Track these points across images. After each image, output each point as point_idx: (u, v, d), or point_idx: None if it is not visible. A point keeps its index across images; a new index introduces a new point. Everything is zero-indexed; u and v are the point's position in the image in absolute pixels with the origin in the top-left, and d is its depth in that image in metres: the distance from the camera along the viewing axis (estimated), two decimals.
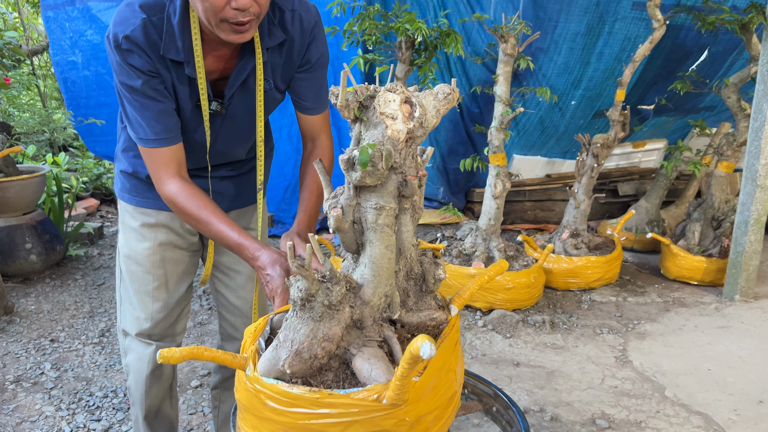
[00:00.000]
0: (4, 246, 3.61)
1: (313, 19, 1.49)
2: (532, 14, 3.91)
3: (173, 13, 1.37)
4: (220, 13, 1.27)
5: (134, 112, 1.42)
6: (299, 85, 1.58)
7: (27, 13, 6.85)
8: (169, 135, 1.44)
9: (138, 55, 1.36)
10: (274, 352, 1.02)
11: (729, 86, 3.79)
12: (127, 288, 1.76)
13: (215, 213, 1.42)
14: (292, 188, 4.75)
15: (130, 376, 1.82)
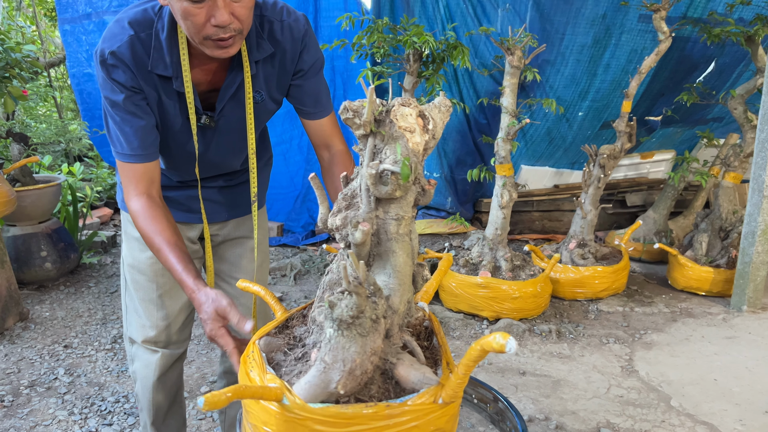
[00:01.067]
0: (20, 254, 3.69)
1: (302, 29, 1.50)
2: (539, 27, 3.96)
3: (161, 29, 1.38)
4: (202, 31, 1.28)
5: (114, 127, 1.44)
6: (296, 92, 1.59)
7: (44, 27, 7.00)
8: (145, 152, 1.45)
9: (122, 70, 1.38)
10: (322, 375, 0.98)
11: (735, 97, 3.81)
12: (132, 296, 1.78)
13: (169, 242, 1.40)
14: (302, 198, 4.81)
15: (137, 383, 1.85)
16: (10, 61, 3.01)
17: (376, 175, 1.00)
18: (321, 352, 0.99)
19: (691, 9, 3.98)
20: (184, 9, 1.24)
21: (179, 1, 1.24)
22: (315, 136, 1.65)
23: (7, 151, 4.49)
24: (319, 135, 1.64)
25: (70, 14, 3.79)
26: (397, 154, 1.01)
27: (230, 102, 1.52)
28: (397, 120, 1.01)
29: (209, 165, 1.66)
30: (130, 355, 1.85)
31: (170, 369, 1.85)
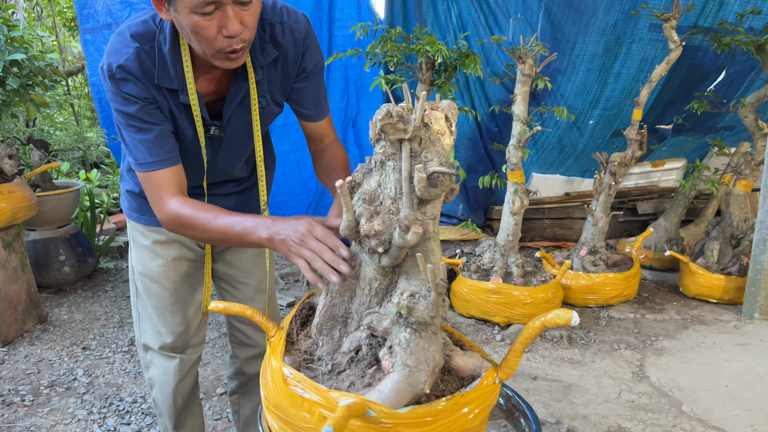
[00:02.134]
0: (40, 257, 3.77)
1: (303, 29, 1.47)
2: (550, 36, 4.01)
3: (163, 41, 1.37)
4: (214, 44, 1.27)
5: (131, 138, 1.41)
6: (297, 94, 1.57)
7: (62, 36, 7.14)
8: (168, 156, 1.42)
9: (132, 83, 1.36)
10: (408, 379, 0.97)
11: (746, 106, 3.83)
12: (145, 304, 1.79)
13: (222, 210, 1.36)
14: (314, 204, 4.87)
15: (154, 390, 1.86)
16: (33, 69, 3.10)
17: (429, 179, 1.03)
18: (399, 357, 0.99)
19: (701, 18, 4.01)
20: (195, 23, 1.23)
21: (188, 16, 1.23)
22: (312, 134, 1.66)
23: (28, 157, 4.59)
24: (315, 133, 1.65)
25: (92, 24, 3.88)
26: (451, 156, 1.05)
27: (237, 110, 1.52)
28: (432, 123, 1.04)
29: (217, 172, 1.66)
30: (145, 362, 1.86)
31: (188, 373, 1.87)
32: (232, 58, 1.31)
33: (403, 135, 1.05)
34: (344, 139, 4.71)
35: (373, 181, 1.15)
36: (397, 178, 1.10)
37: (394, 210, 1.10)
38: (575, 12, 3.94)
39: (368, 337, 1.12)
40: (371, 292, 1.16)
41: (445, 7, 4.06)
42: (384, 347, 1.04)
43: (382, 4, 4.12)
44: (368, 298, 1.17)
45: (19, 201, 3.10)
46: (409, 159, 1.06)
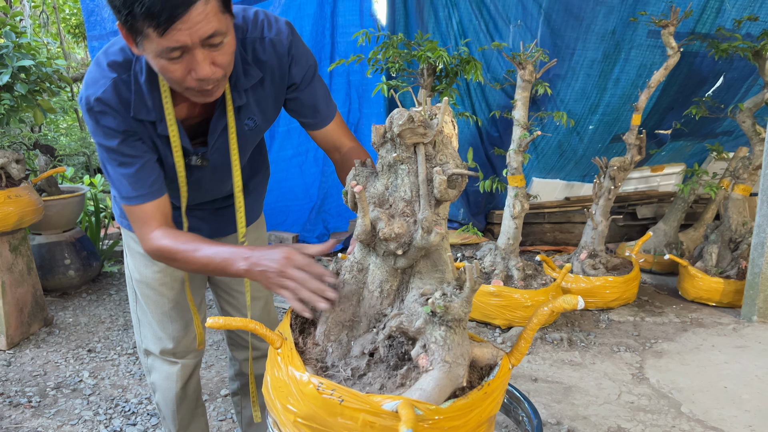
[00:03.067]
0: (45, 261, 3.81)
1: (287, 41, 1.39)
2: (549, 42, 4.06)
3: (140, 71, 1.31)
4: (183, 84, 1.21)
5: (114, 171, 1.37)
6: (293, 105, 1.52)
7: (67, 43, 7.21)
8: (150, 190, 1.38)
9: (111, 116, 1.31)
10: (449, 374, 1.02)
11: (743, 111, 3.87)
12: (145, 311, 1.78)
13: (202, 240, 1.35)
14: (317, 209, 4.91)
15: (157, 394, 1.87)
16: (41, 75, 3.14)
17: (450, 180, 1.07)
18: (438, 355, 1.03)
19: (699, 25, 4.06)
20: (162, 66, 1.17)
21: (155, 58, 1.17)
22: (322, 143, 1.59)
23: (34, 162, 4.63)
24: (327, 141, 1.58)
25: (98, 32, 3.95)
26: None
27: (222, 135, 1.46)
28: (444, 127, 1.08)
29: (203, 193, 1.64)
30: (147, 367, 1.88)
31: (190, 378, 1.88)
32: (205, 95, 1.25)
33: (423, 139, 1.07)
34: None
35: (380, 184, 1.16)
36: (412, 181, 1.11)
37: (408, 212, 1.11)
38: (575, 19, 3.99)
39: (387, 338, 1.14)
40: (382, 294, 1.17)
41: (446, 13, 4.12)
42: (416, 346, 1.07)
43: (384, 11, 4.17)
44: (378, 300, 1.18)
45: (25, 205, 3.14)
46: (425, 162, 1.09)
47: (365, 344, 1.17)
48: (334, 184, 4.88)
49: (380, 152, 1.15)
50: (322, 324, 1.20)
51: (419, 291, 1.15)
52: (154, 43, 1.12)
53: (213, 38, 1.15)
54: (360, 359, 1.15)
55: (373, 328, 1.19)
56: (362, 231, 1.10)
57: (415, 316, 1.08)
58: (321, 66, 4.48)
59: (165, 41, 1.11)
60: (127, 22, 1.11)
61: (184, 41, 1.12)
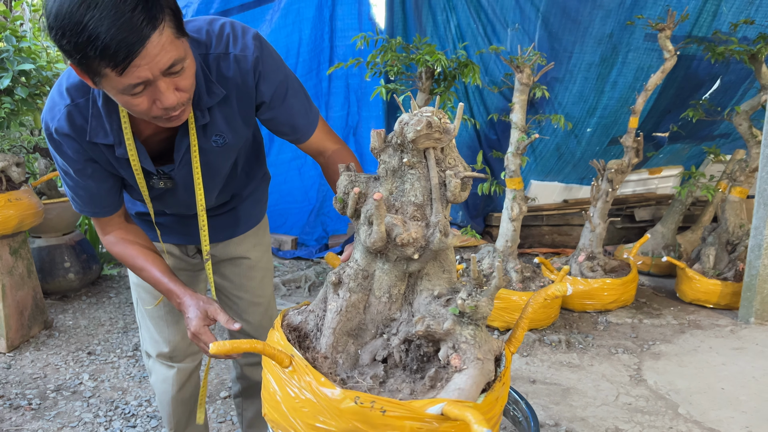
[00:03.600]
0: (45, 264, 3.82)
1: (252, 57, 1.32)
2: (547, 46, 4.08)
3: (98, 94, 1.27)
4: (150, 114, 1.19)
5: (69, 190, 1.44)
6: (269, 124, 1.48)
7: None
8: (104, 210, 1.46)
9: (67, 145, 1.31)
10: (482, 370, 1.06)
11: (740, 114, 3.89)
12: (143, 313, 1.80)
13: (147, 258, 1.46)
14: (316, 212, 4.92)
15: (156, 396, 1.90)
16: (41, 79, 3.16)
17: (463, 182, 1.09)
18: (470, 353, 1.06)
19: (695, 28, 4.08)
20: (126, 101, 1.15)
21: (117, 95, 1.14)
22: (307, 151, 1.57)
23: (34, 165, 4.65)
24: (311, 149, 1.55)
25: None
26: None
27: (188, 152, 1.42)
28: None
29: (175, 209, 1.64)
30: (148, 368, 1.90)
31: (187, 381, 1.90)
32: (173, 120, 1.23)
33: (437, 144, 1.08)
34: None
35: (383, 190, 1.15)
36: (424, 185, 1.12)
37: (419, 216, 1.12)
38: (572, 22, 4.01)
39: (403, 342, 1.15)
40: (390, 300, 1.17)
41: (444, 17, 4.14)
42: (443, 348, 1.08)
43: (382, 14, 4.20)
44: (387, 306, 1.18)
45: (26, 208, 3.15)
46: (435, 165, 1.10)
47: (375, 351, 1.17)
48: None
49: (382, 157, 1.14)
50: (327, 336, 1.17)
51: (430, 293, 1.16)
52: (113, 81, 1.09)
53: (173, 67, 1.13)
54: (373, 367, 1.15)
55: (381, 335, 1.19)
56: (378, 238, 1.08)
57: (440, 317, 1.09)
58: (320, 69, 4.50)
59: (126, 79, 1.08)
60: (81, 64, 1.08)
61: (145, 76, 1.09)
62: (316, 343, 1.20)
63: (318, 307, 1.25)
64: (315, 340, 1.21)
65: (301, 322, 1.25)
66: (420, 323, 1.10)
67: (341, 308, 1.17)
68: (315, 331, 1.22)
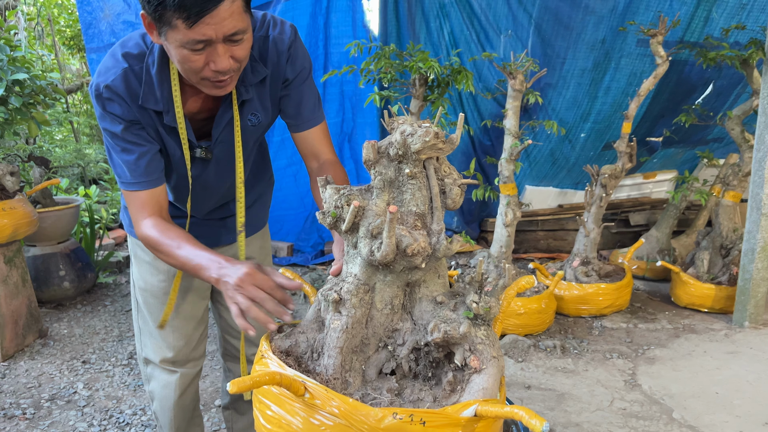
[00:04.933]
0: (40, 273, 3.81)
1: (288, 40, 1.46)
2: (540, 52, 4.10)
3: (152, 63, 1.37)
4: (200, 74, 1.28)
5: (116, 156, 1.43)
6: (283, 103, 1.56)
7: (62, 55, 7.24)
8: (149, 179, 1.44)
9: (118, 104, 1.37)
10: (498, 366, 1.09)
11: (732, 118, 3.91)
12: (146, 319, 1.81)
13: (186, 238, 1.38)
14: (311, 218, 4.93)
15: (155, 403, 1.89)
16: (35, 88, 3.17)
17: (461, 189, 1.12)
18: (487, 353, 1.09)
19: (687, 33, 4.11)
20: (183, 55, 1.24)
21: (177, 48, 1.23)
22: (301, 147, 1.61)
23: (29, 174, 4.65)
24: (306, 146, 1.60)
25: (96, 44, 3.99)
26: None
27: (226, 129, 1.51)
28: None
29: (206, 190, 1.67)
30: (146, 375, 1.89)
31: (189, 387, 1.90)
32: (219, 86, 1.32)
33: (439, 154, 1.09)
34: (340, 154, 4.78)
35: (381, 201, 1.13)
36: (424, 194, 1.12)
37: (419, 225, 1.13)
38: (565, 28, 4.03)
39: (412, 351, 1.15)
40: (392, 310, 1.17)
41: (437, 24, 4.16)
42: (459, 351, 1.10)
43: (376, 21, 4.21)
44: (389, 318, 1.17)
45: (20, 217, 3.15)
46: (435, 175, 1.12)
47: (380, 364, 1.16)
48: None
49: (377, 168, 1.12)
50: (333, 356, 1.13)
51: (430, 300, 1.17)
52: (180, 34, 1.19)
53: (235, 35, 1.23)
54: (384, 381, 1.14)
55: (384, 347, 1.18)
56: (390, 251, 1.07)
57: (454, 322, 1.10)
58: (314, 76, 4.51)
59: (192, 33, 1.19)
60: (156, 12, 1.18)
61: (209, 35, 1.19)
62: (315, 365, 1.15)
63: (309, 328, 1.20)
64: (312, 363, 1.16)
65: (291, 346, 1.19)
66: (436, 331, 1.10)
67: (347, 326, 1.12)
68: (309, 353, 1.18)
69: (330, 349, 1.12)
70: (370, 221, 1.10)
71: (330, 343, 1.12)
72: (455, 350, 1.12)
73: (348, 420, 0.97)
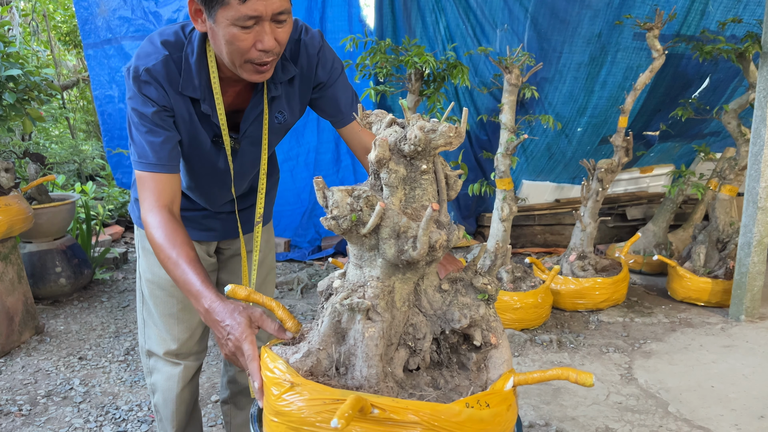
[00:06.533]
0: (36, 269, 3.81)
1: (318, 44, 1.54)
2: (536, 46, 4.09)
3: (191, 53, 1.43)
4: (246, 55, 1.33)
5: (140, 136, 1.45)
6: (321, 103, 1.63)
7: (58, 50, 7.21)
8: (170, 163, 1.46)
9: (155, 88, 1.42)
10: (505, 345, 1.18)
11: (729, 112, 3.91)
12: (151, 311, 1.82)
13: (188, 256, 1.34)
14: (308, 214, 4.92)
15: (157, 395, 1.89)
16: (29, 84, 3.16)
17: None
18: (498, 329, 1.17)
19: (684, 27, 4.10)
20: (232, 35, 1.30)
21: (227, 27, 1.29)
22: (350, 141, 1.68)
23: (25, 170, 4.64)
24: (354, 140, 1.66)
25: (93, 40, 3.98)
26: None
27: (254, 124, 1.57)
28: None
29: (227, 184, 1.70)
30: (148, 368, 1.90)
31: (191, 380, 1.91)
32: (261, 71, 1.38)
33: (450, 148, 1.08)
34: (337, 149, 4.78)
35: (395, 200, 1.10)
36: (434, 189, 1.13)
37: None
38: (561, 22, 4.02)
39: (432, 342, 1.19)
40: (409, 307, 1.16)
41: (433, 18, 4.14)
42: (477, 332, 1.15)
43: (372, 16, 4.20)
44: (405, 315, 1.16)
45: (15, 214, 3.15)
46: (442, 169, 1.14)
47: (403, 362, 1.16)
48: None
49: (390, 166, 1.08)
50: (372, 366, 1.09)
51: (434, 289, 1.19)
52: (232, 10, 1.26)
53: (281, 15, 1.31)
54: (415, 377, 1.16)
55: (402, 344, 1.16)
56: (426, 249, 1.06)
57: (472, 306, 1.15)
58: None
59: (244, 8, 1.26)
60: None
61: (260, 11, 1.27)
62: (344, 379, 1.10)
63: (326, 342, 1.13)
64: (341, 378, 1.11)
65: (313, 366, 1.11)
66: (463, 318, 1.14)
67: (382, 331, 1.09)
68: (331, 368, 1.12)
69: (369, 358, 1.08)
70: (395, 221, 1.06)
71: (367, 353, 1.08)
72: (473, 332, 1.15)
73: (429, 423, 0.96)
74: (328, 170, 4.85)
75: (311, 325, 1.23)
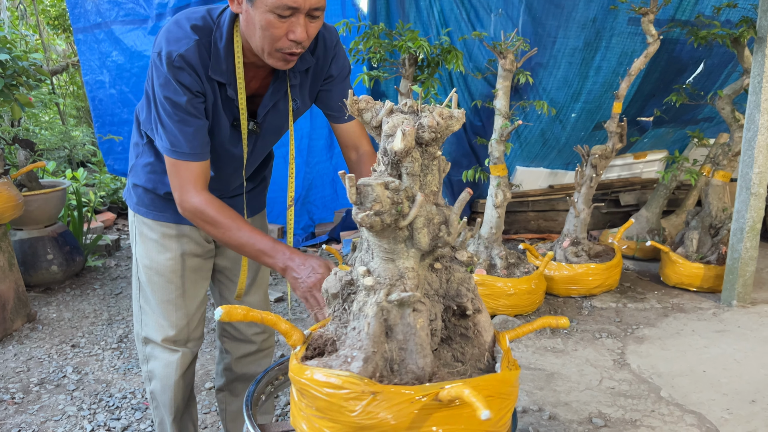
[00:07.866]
0: (27, 257, 3.78)
1: (334, 39, 1.62)
2: (531, 31, 4.06)
3: (219, 38, 1.47)
4: (277, 43, 1.38)
5: (173, 126, 1.47)
6: (325, 97, 1.69)
7: (47, 35, 7.11)
8: (203, 151, 1.52)
9: (188, 73, 1.44)
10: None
11: (723, 98, 3.90)
12: (148, 298, 1.82)
13: (246, 223, 1.49)
14: (301, 200, 4.91)
15: (154, 382, 1.89)
16: (17, 69, 3.11)
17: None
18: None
19: (679, 12, 4.08)
20: (268, 21, 1.34)
21: (265, 13, 1.33)
22: (343, 138, 1.73)
23: (14, 157, 4.59)
24: (347, 137, 1.71)
25: (83, 24, 3.92)
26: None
27: (272, 110, 1.62)
28: None
29: (240, 168, 1.72)
30: (144, 355, 1.89)
31: (189, 367, 1.91)
32: (288, 60, 1.43)
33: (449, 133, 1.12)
34: (330, 135, 4.75)
35: (416, 187, 1.10)
36: (438, 173, 1.15)
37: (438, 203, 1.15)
38: (556, 7, 3.99)
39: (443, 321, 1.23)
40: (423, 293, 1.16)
41: (427, 3, 4.10)
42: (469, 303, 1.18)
43: (365, 0, 4.15)
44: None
45: (5, 201, 3.11)
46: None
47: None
48: (318, 176, 4.87)
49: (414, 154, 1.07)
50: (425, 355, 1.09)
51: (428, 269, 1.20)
52: None
53: (317, 11, 1.37)
54: (439, 356, 1.18)
55: None
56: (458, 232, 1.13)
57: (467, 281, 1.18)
58: None
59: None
60: None
61: (299, 4, 1.33)
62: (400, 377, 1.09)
63: (378, 343, 1.08)
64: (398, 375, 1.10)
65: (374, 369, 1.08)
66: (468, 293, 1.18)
67: (429, 319, 1.12)
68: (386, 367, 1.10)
69: (423, 348, 1.08)
70: (427, 209, 1.08)
71: (421, 344, 1.09)
72: (466, 303, 1.18)
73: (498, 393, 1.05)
74: (321, 156, 4.82)
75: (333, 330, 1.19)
